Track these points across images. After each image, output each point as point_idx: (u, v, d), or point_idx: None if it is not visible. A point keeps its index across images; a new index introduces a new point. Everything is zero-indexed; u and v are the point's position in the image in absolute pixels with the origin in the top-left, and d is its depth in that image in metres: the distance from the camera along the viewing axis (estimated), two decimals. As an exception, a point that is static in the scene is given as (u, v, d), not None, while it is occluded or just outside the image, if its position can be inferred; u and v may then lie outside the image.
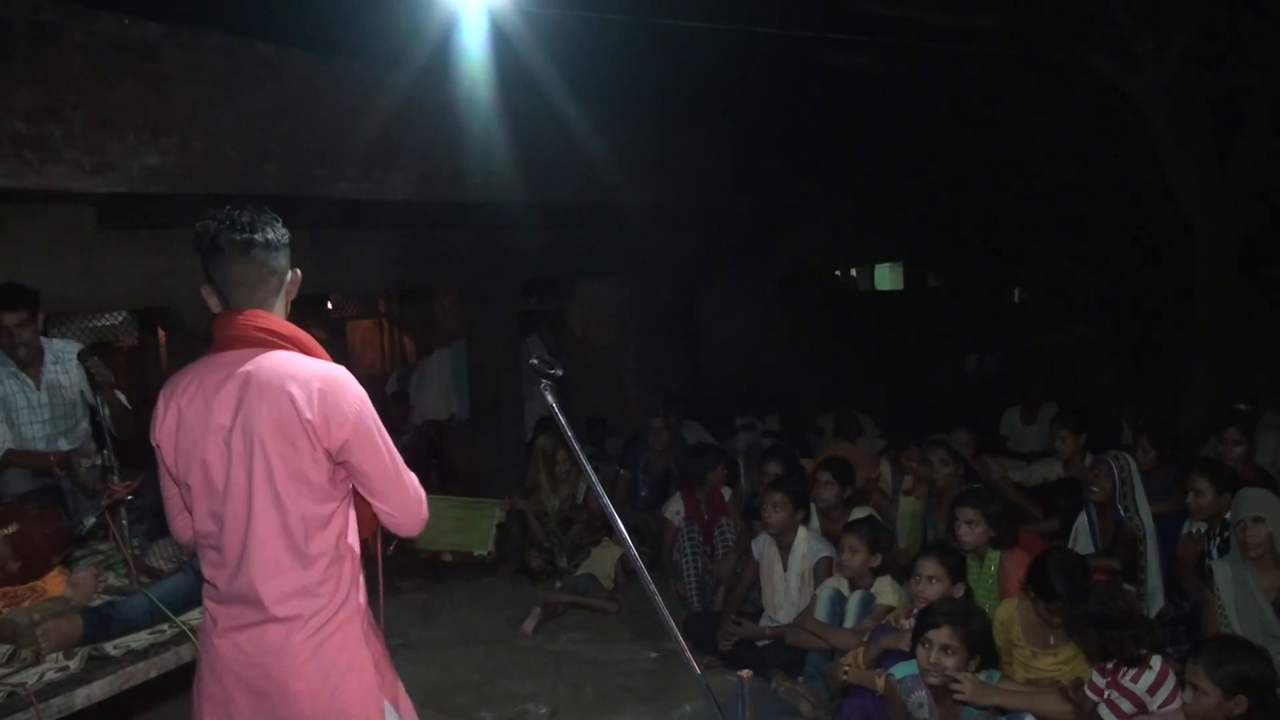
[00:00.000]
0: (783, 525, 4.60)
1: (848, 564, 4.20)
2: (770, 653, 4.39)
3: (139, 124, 4.93)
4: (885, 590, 4.15)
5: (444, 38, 5.73)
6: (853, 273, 17.29)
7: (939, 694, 3.31)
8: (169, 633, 2.72)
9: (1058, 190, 11.58)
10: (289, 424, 2.00)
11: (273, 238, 2.13)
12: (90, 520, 3.69)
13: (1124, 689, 3.09)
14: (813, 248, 12.02)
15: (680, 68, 7.46)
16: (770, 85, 8.81)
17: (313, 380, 2.04)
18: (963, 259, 14.89)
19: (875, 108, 10.03)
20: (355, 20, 5.74)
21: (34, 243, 5.25)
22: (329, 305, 10.57)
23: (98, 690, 2.54)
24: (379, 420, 2.13)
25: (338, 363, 2.14)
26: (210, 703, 2.10)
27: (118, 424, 3.58)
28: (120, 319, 8.67)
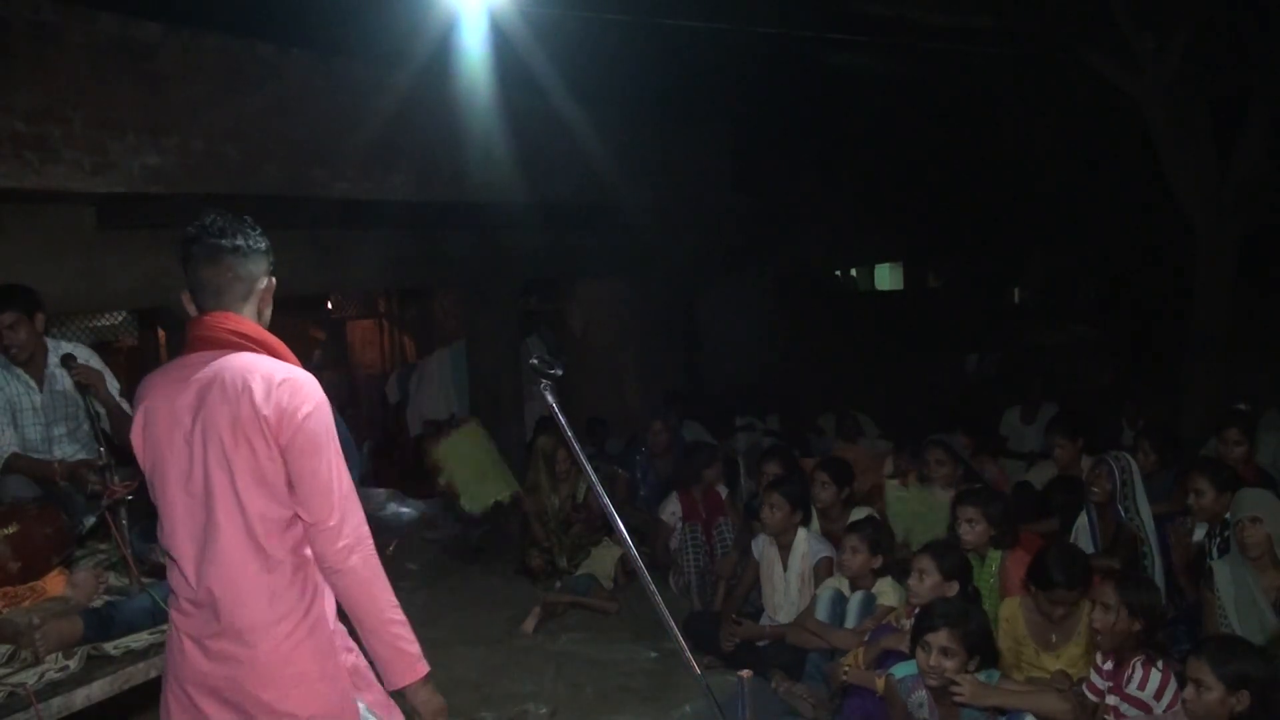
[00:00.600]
0: (781, 526, 4.60)
1: (849, 564, 4.20)
2: (770, 653, 4.39)
3: (139, 124, 4.93)
4: (886, 591, 4.15)
5: (444, 38, 5.72)
6: (853, 273, 17.29)
7: (939, 695, 3.31)
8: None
9: (1058, 190, 11.58)
10: (248, 423, 1.97)
11: (242, 244, 2.10)
12: (90, 520, 3.70)
13: (1129, 696, 3.08)
14: (813, 248, 12.02)
15: (680, 68, 7.44)
16: (770, 85, 8.80)
17: (274, 376, 2.02)
18: (963, 259, 14.89)
19: (875, 108, 10.02)
20: (355, 20, 5.73)
21: (34, 243, 5.25)
22: (329, 305, 10.58)
23: (98, 690, 2.55)
24: (335, 434, 2.08)
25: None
26: (180, 713, 2.06)
27: (116, 425, 3.58)
28: (120, 319, 8.67)
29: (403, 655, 2.11)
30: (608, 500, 2.04)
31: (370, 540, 2.08)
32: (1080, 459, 5.19)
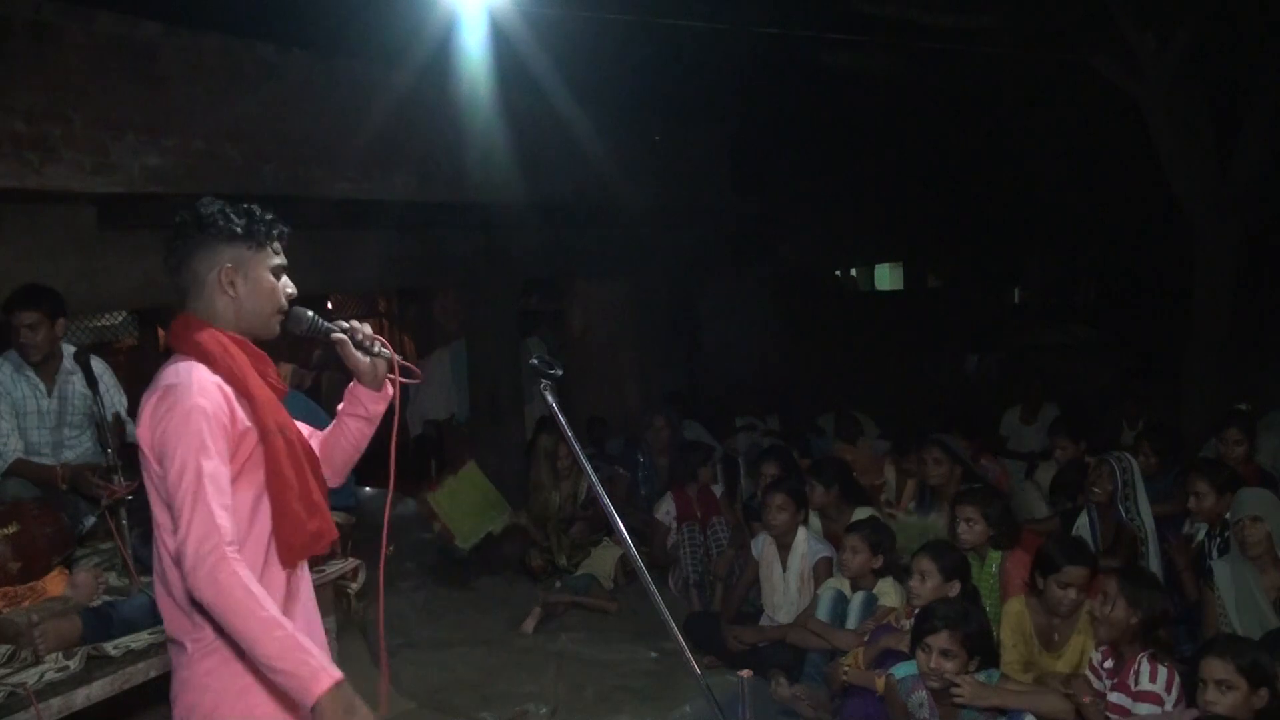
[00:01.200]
0: (786, 526, 4.60)
1: (849, 564, 4.20)
2: (770, 653, 4.39)
3: (139, 124, 4.92)
4: (887, 591, 4.15)
5: (444, 38, 5.72)
6: (853, 273, 17.29)
7: (939, 695, 3.31)
8: (169, 633, 2.72)
9: (1058, 190, 11.58)
10: (143, 437, 1.96)
11: (180, 244, 2.09)
12: (90, 520, 3.70)
13: (1138, 691, 3.06)
14: (813, 248, 12.03)
15: (680, 68, 7.45)
16: (770, 85, 8.80)
17: (157, 390, 1.96)
18: (963, 259, 14.88)
19: (875, 108, 10.02)
20: (355, 20, 5.73)
21: (34, 243, 5.24)
22: (329, 305, 10.58)
23: (98, 690, 2.55)
24: (195, 442, 1.89)
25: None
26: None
27: (115, 427, 3.58)
28: (120, 319, 8.66)
29: (291, 677, 1.81)
30: (608, 500, 2.04)
31: (223, 557, 1.82)
32: (1083, 460, 5.19)
